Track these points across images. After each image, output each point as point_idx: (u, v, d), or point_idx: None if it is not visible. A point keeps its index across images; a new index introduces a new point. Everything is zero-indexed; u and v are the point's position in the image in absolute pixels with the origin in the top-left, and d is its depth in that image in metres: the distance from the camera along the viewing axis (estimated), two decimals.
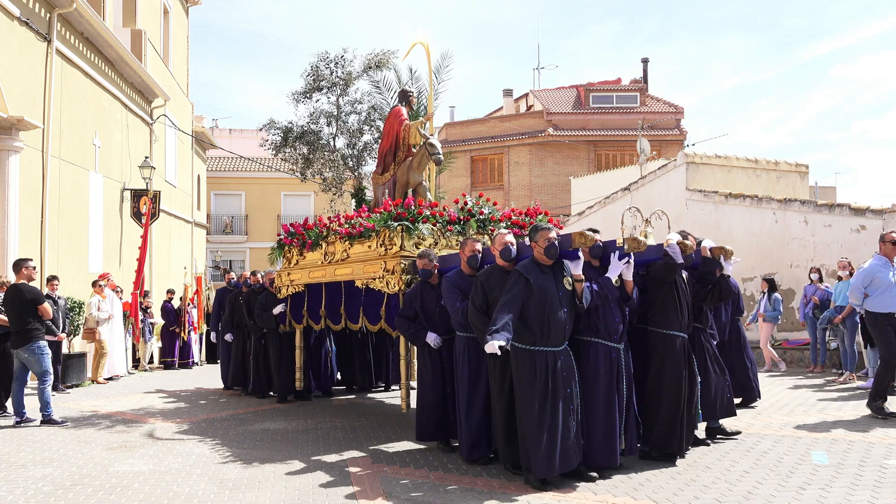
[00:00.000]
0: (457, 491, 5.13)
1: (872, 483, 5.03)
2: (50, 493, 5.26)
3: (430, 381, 6.33)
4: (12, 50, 11.14)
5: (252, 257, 33.30)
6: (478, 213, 7.53)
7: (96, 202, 14.42)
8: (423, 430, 6.38)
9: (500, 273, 5.53)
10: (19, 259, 8.58)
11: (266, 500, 5.03)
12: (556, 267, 5.34)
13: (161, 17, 19.50)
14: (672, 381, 5.69)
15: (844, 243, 12.45)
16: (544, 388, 5.08)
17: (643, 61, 33.90)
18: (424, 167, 8.51)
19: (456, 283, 5.96)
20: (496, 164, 31.31)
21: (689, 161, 16.18)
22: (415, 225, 7.06)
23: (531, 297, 5.14)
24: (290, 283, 9.07)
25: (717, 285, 6.12)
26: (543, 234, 5.29)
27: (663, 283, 5.78)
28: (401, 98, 9.35)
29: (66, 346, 11.55)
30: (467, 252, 6.05)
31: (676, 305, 5.78)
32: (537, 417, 5.04)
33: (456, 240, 7.28)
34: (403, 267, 6.86)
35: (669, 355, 5.73)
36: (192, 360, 15.87)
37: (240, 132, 41.45)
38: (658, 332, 5.80)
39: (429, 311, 6.36)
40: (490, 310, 5.37)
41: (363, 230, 7.55)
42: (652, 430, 5.76)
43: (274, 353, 9.69)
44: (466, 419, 5.79)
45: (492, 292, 5.44)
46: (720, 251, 6.08)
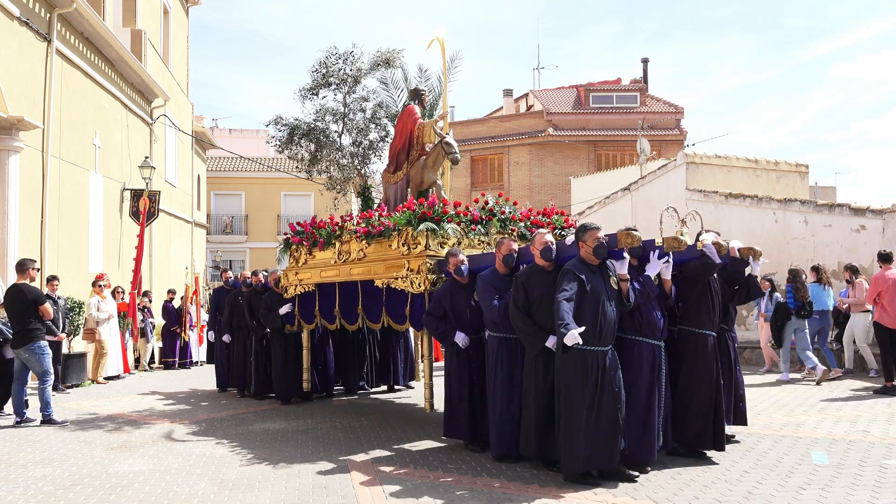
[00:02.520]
0: (457, 491, 5.13)
1: (872, 483, 5.03)
2: (50, 493, 5.26)
3: (458, 380, 6.39)
4: (12, 50, 11.13)
5: (252, 257, 33.30)
6: (499, 212, 7.55)
7: (96, 202, 14.41)
8: (451, 428, 6.46)
9: (541, 273, 5.62)
10: (24, 259, 8.57)
11: (266, 500, 5.03)
12: (602, 266, 5.40)
13: (161, 17, 19.50)
14: (705, 380, 5.80)
15: (844, 243, 12.45)
16: (593, 386, 5.15)
17: (643, 61, 33.92)
18: (440, 166, 8.50)
19: (491, 282, 6.01)
20: (496, 164, 31.31)
21: (689, 161, 16.17)
22: (440, 225, 7.06)
23: (584, 296, 5.20)
24: (299, 283, 8.96)
25: (745, 285, 6.23)
26: (592, 233, 5.34)
27: (696, 282, 5.87)
28: (413, 96, 9.33)
29: (66, 347, 11.54)
30: (503, 251, 6.08)
31: (709, 305, 5.91)
32: (584, 414, 5.12)
33: (478, 239, 7.30)
34: (429, 266, 6.86)
35: (702, 354, 5.85)
36: (192, 360, 15.87)
37: (240, 132, 41.47)
38: (690, 332, 5.91)
39: (458, 311, 6.39)
40: (531, 309, 5.48)
41: (383, 229, 7.50)
42: (684, 429, 5.86)
43: (279, 354, 9.56)
44: (499, 418, 5.84)
45: (532, 292, 5.54)
46: (749, 251, 6.12)
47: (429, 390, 7.23)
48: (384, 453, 6.39)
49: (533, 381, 5.58)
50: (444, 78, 10.12)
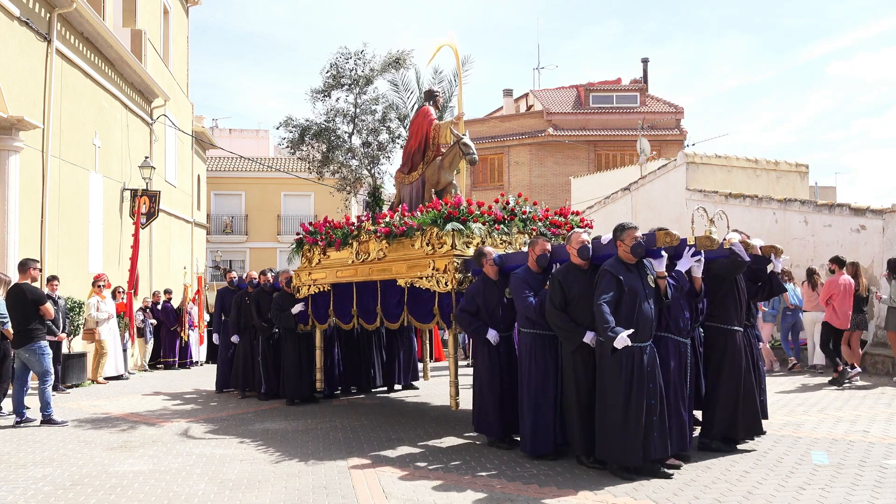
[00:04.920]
0: (457, 491, 5.13)
1: (872, 483, 5.03)
2: (50, 493, 5.26)
3: (489, 377, 6.48)
4: (12, 50, 11.13)
5: (252, 257, 33.27)
6: (520, 212, 7.66)
7: (96, 202, 14.41)
8: (482, 424, 6.54)
9: (577, 271, 5.80)
10: (26, 259, 8.57)
11: (266, 500, 5.03)
12: (640, 264, 5.54)
13: (161, 17, 19.49)
14: (735, 373, 6.00)
15: (844, 243, 12.44)
16: (630, 382, 5.29)
17: (643, 61, 33.87)
18: (456, 166, 8.59)
19: (526, 280, 6.15)
20: (496, 164, 31.28)
21: (689, 161, 16.18)
22: (466, 224, 7.15)
23: (623, 295, 5.35)
24: (313, 283, 8.95)
25: (767, 282, 6.43)
26: (630, 232, 5.49)
27: (724, 280, 6.04)
28: (427, 97, 9.41)
29: (66, 347, 11.54)
30: (537, 251, 6.23)
31: (736, 301, 6.10)
32: (623, 410, 5.25)
33: (500, 238, 7.39)
34: (456, 266, 6.95)
35: (731, 348, 6.04)
36: (192, 359, 15.87)
37: (240, 132, 41.47)
38: (719, 328, 6.11)
39: (491, 307, 6.50)
40: (568, 307, 5.66)
41: (406, 229, 7.54)
42: (713, 423, 6.04)
43: (291, 355, 9.50)
44: (533, 415, 5.92)
45: (570, 290, 5.71)
46: (770, 249, 6.28)
47: (454, 388, 7.27)
48: (384, 453, 6.39)
49: (572, 377, 5.72)
50: (459, 81, 10.23)
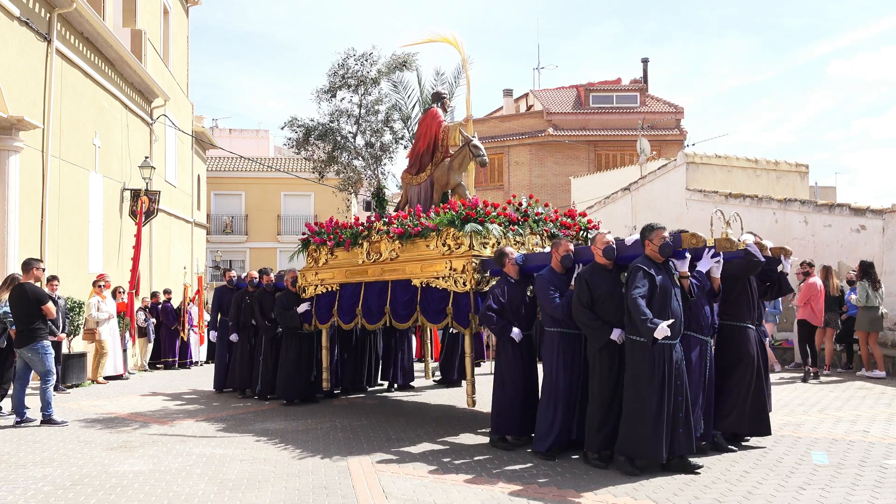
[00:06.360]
0: (457, 491, 5.13)
1: (872, 483, 5.04)
2: (50, 493, 5.26)
3: (512, 376, 6.54)
4: (12, 50, 11.13)
5: (252, 257, 33.26)
6: (533, 213, 7.73)
7: (96, 202, 14.40)
8: (502, 425, 6.56)
9: (603, 271, 5.95)
10: (30, 259, 8.56)
11: (266, 500, 5.03)
12: (666, 263, 5.67)
13: (161, 17, 19.48)
14: (747, 370, 6.16)
15: (844, 243, 12.45)
16: (661, 379, 5.38)
17: (643, 61, 33.85)
18: (465, 168, 8.63)
19: (550, 280, 6.26)
20: (496, 164, 31.27)
21: (689, 161, 16.18)
22: (484, 225, 7.20)
23: (654, 292, 5.46)
24: (320, 283, 8.93)
25: (776, 282, 6.59)
26: (658, 233, 5.63)
27: (738, 279, 6.19)
28: (435, 99, 9.45)
29: (66, 347, 11.53)
30: (561, 252, 6.35)
31: (749, 300, 6.29)
32: (651, 407, 5.33)
33: (514, 239, 7.46)
34: (475, 266, 7.00)
35: (745, 345, 6.21)
36: (192, 359, 15.86)
37: (240, 132, 41.47)
38: (732, 325, 6.28)
39: (515, 307, 6.59)
40: (594, 306, 5.78)
41: (422, 229, 7.56)
42: (721, 416, 6.15)
43: (292, 355, 9.49)
44: (553, 413, 6.01)
45: (596, 289, 5.84)
46: (780, 250, 6.46)
47: (471, 386, 7.30)
48: (384, 453, 6.39)
49: (597, 374, 5.80)
50: (467, 82, 10.21)
